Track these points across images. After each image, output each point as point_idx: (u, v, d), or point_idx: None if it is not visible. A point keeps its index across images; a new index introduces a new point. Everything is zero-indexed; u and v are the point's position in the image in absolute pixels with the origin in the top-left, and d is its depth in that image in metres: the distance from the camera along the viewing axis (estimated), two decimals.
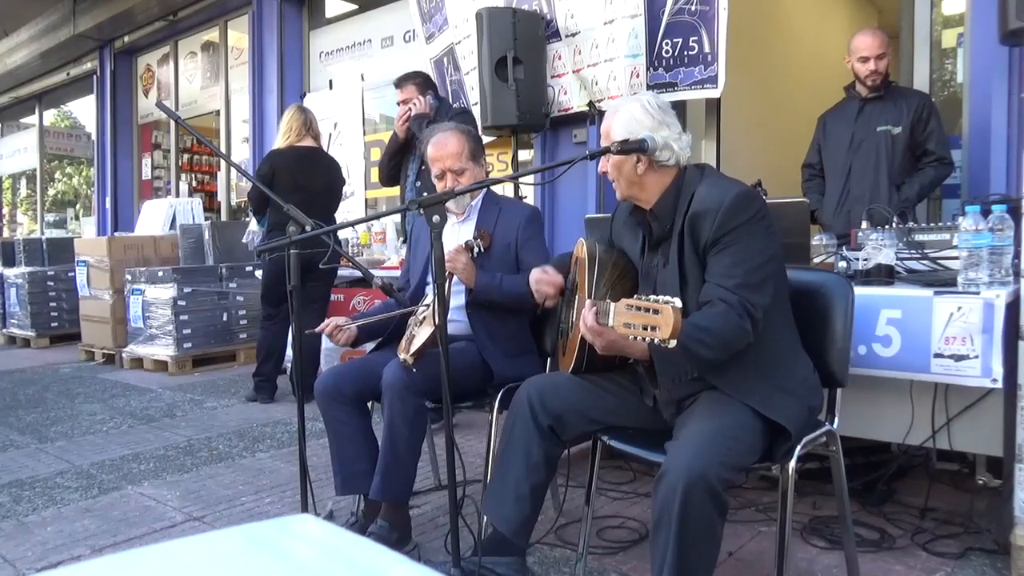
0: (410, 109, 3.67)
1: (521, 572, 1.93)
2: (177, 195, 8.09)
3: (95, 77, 8.79)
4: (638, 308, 1.41)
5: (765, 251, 1.69)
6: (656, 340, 1.38)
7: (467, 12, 4.38)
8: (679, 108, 3.87)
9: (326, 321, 2.34)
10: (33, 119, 10.98)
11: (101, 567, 0.82)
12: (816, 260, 2.46)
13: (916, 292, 2.03)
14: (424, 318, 2.17)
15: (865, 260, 2.24)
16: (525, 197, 4.38)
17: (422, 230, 2.51)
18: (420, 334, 2.14)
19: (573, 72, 4.08)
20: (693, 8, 3.66)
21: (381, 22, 5.79)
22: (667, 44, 3.75)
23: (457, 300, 2.34)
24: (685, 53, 3.72)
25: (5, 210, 12.75)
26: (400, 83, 3.78)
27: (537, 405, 1.86)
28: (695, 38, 3.68)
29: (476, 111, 4.43)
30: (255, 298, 4.92)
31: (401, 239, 4.70)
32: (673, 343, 1.38)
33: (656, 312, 1.38)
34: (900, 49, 4.00)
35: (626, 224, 1.97)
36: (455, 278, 2.28)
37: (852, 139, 3.28)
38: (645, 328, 1.39)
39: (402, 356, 2.13)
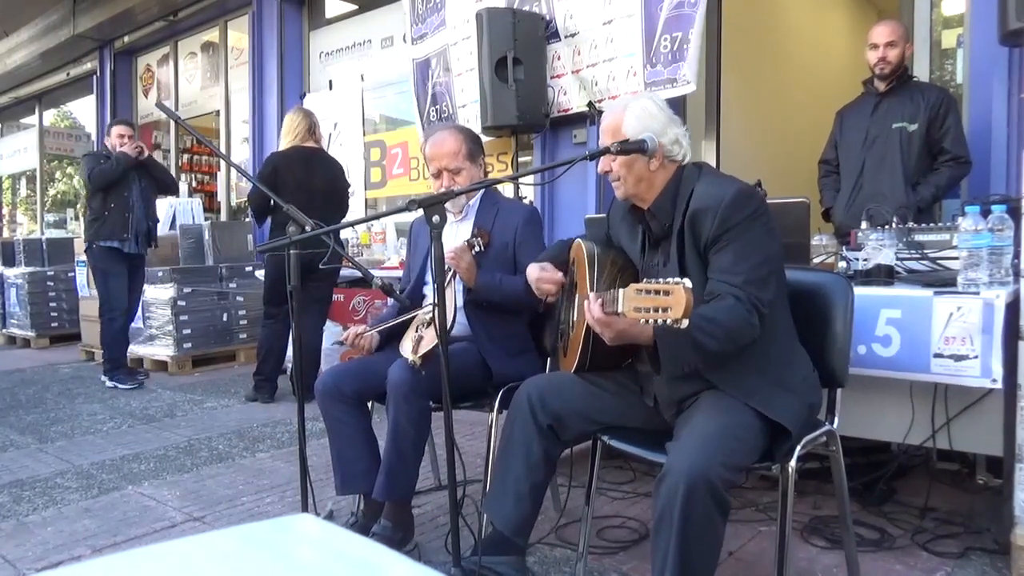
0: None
1: (521, 571, 1.93)
2: (177, 195, 8.09)
3: (95, 77, 8.78)
4: (648, 291, 1.40)
5: (766, 248, 1.69)
6: (669, 321, 1.36)
7: (467, 13, 4.38)
8: (679, 108, 3.85)
9: (347, 331, 2.36)
10: (33, 119, 10.97)
11: (101, 567, 0.83)
12: (816, 260, 2.46)
13: (916, 292, 2.03)
14: (431, 319, 2.17)
15: (865, 260, 2.24)
16: (525, 197, 4.38)
17: (421, 229, 2.51)
18: (428, 335, 2.13)
19: (573, 72, 4.08)
20: (692, 0, 3.55)
21: (381, 22, 5.79)
22: (666, 39, 3.66)
23: (458, 300, 2.33)
24: (684, 47, 3.60)
25: (5, 210, 12.73)
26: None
27: (537, 405, 1.86)
28: (693, 30, 3.56)
29: (470, 111, 4.44)
30: (255, 298, 4.91)
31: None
32: (686, 323, 1.36)
33: (667, 293, 1.36)
34: None
35: (624, 222, 1.97)
36: (456, 276, 2.28)
37: (867, 135, 3.20)
38: (657, 310, 1.37)
39: (410, 358, 2.13)
